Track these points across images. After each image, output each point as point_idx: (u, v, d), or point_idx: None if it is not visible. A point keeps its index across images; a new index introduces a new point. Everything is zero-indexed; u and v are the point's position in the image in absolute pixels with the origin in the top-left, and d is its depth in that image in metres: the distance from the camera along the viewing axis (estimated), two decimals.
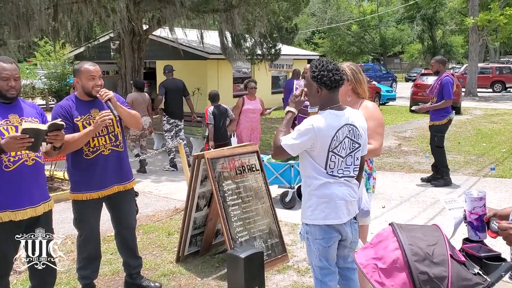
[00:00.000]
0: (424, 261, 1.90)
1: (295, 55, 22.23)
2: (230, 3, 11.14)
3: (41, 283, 3.26)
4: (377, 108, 3.48)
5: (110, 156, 3.63)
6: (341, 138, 2.76)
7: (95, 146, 3.57)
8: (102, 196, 3.67)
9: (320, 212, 2.80)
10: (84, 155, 3.57)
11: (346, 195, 2.82)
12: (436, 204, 6.40)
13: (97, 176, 3.60)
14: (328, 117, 2.76)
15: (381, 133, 3.34)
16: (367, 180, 3.47)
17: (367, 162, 3.46)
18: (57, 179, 7.69)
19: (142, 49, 12.58)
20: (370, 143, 3.24)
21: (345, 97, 3.37)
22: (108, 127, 3.61)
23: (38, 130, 2.80)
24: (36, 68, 22.72)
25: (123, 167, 3.75)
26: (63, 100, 3.68)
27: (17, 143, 2.72)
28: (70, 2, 11.00)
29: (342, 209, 2.81)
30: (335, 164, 2.79)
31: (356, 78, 3.36)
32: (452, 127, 13.99)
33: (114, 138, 3.65)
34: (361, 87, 3.38)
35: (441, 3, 37.67)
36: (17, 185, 2.94)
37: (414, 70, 40.63)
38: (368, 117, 3.30)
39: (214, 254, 4.79)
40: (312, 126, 2.72)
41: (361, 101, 3.40)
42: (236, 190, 4.39)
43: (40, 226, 3.09)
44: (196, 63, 17.30)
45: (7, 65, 2.94)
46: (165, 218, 5.97)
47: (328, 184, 2.79)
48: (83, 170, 3.61)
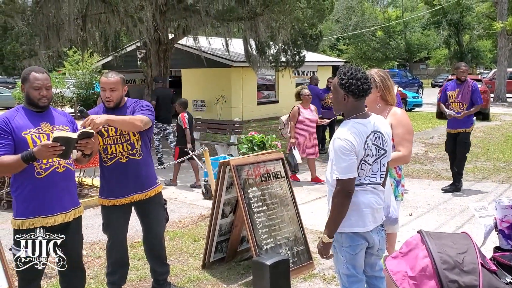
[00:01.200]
0: (454, 270, 1.88)
1: (320, 62, 22.19)
2: (254, 11, 11.20)
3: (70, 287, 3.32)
4: (405, 115, 3.46)
5: (128, 164, 3.65)
6: (370, 146, 2.75)
7: (112, 153, 3.62)
8: (122, 204, 3.69)
9: (347, 219, 2.77)
10: (103, 162, 3.66)
11: (373, 203, 2.80)
12: (465, 211, 6.27)
13: (115, 183, 3.66)
14: (356, 127, 2.73)
15: (410, 140, 3.32)
16: (396, 187, 3.44)
17: (396, 169, 3.42)
18: (85, 185, 7.83)
19: (168, 57, 12.75)
20: (399, 150, 3.23)
21: (374, 104, 3.37)
22: (125, 135, 3.63)
23: (68, 138, 2.86)
24: (65, 77, 23.24)
25: (142, 175, 3.73)
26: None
27: (49, 151, 2.79)
28: (98, 13, 11.25)
29: (368, 216, 2.78)
30: (364, 172, 2.77)
31: (385, 85, 3.36)
32: (481, 133, 13.73)
33: (130, 146, 3.66)
34: (390, 94, 3.37)
35: (468, 8, 37.05)
36: (49, 191, 3.01)
37: (440, 75, 40.01)
38: (396, 124, 3.30)
39: (240, 261, 4.80)
40: (347, 141, 2.68)
41: (389, 108, 3.40)
42: (261, 197, 4.40)
43: (71, 232, 3.16)
44: (221, 71, 17.45)
45: (39, 75, 3.03)
46: (191, 225, 6.02)
47: (355, 192, 2.76)
48: (104, 176, 3.73)
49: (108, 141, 3.62)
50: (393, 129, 3.35)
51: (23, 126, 2.99)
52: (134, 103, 3.75)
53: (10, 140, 2.93)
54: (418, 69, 51.04)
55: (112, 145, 3.61)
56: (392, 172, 3.43)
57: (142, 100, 3.90)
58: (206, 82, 18.00)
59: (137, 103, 3.76)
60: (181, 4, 11.55)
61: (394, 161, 3.29)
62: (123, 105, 3.72)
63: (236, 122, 11.27)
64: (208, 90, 17.88)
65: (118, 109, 3.68)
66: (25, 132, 2.97)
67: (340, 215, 2.71)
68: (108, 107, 3.64)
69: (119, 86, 3.63)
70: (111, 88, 3.59)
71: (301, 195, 7.15)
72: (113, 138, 3.63)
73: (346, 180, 2.66)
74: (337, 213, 2.71)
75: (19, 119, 3.01)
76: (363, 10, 42.98)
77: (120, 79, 3.66)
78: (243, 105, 18.19)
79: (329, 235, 2.76)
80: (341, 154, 2.67)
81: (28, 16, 10.57)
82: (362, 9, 43.05)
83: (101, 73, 21.03)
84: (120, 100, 3.68)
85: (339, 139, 2.69)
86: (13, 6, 10.38)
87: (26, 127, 2.99)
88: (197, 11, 11.09)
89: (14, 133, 2.94)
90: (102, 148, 3.63)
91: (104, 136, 3.53)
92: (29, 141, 2.95)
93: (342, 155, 2.66)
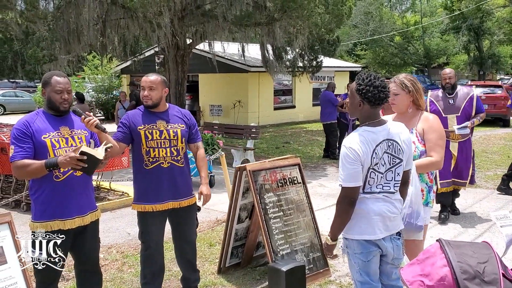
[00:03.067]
0: (474, 280, 1.84)
1: (337, 67, 22.12)
2: (272, 17, 11.21)
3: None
4: (437, 120, 3.41)
5: (169, 169, 3.60)
6: (380, 154, 2.72)
7: (155, 157, 3.57)
8: (156, 210, 3.62)
9: (356, 226, 2.77)
10: (144, 165, 3.59)
11: (384, 211, 2.76)
12: (485, 220, 6.16)
13: (152, 188, 3.59)
14: (364, 135, 2.71)
15: (442, 145, 3.31)
16: (428, 193, 3.40)
17: (428, 174, 3.39)
18: (103, 189, 7.91)
19: (186, 62, 12.84)
20: (431, 156, 3.24)
21: (406, 109, 3.35)
22: (171, 140, 3.61)
23: (95, 158, 2.87)
24: (84, 82, 23.58)
25: (180, 183, 3.68)
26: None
27: (73, 163, 2.82)
28: (118, 18, 11.39)
29: (378, 224, 2.76)
30: (374, 181, 2.75)
31: (416, 88, 3.33)
32: (501, 140, 13.50)
33: (176, 152, 3.63)
34: (421, 98, 3.35)
35: (488, 13, 36.57)
36: (66, 195, 3.04)
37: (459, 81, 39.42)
38: (428, 129, 3.30)
39: (255, 266, 4.79)
40: (351, 149, 2.68)
41: (420, 113, 3.38)
42: (278, 203, 4.38)
43: (88, 235, 3.19)
44: (238, 76, 17.51)
45: (60, 78, 3.07)
46: (206, 229, 6.02)
47: (365, 199, 2.75)
48: (141, 180, 3.64)
49: (151, 144, 3.57)
50: (425, 134, 3.31)
51: (43, 129, 3.02)
52: (187, 118, 3.76)
53: (31, 144, 2.97)
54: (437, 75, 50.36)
55: (155, 148, 3.57)
56: (424, 177, 3.37)
57: (186, 110, 3.90)
58: (223, 87, 18.08)
59: (191, 120, 3.78)
60: (199, 9, 11.64)
61: (426, 167, 3.27)
62: (166, 110, 3.72)
63: (252, 127, 11.29)
64: (225, 95, 17.95)
65: (160, 112, 3.68)
66: (44, 136, 3.01)
67: (343, 221, 2.77)
68: (146, 105, 3.63)
69: (159, 86, 3.63)
70: (150, 87, 3.60)
71: (317, 201, 7.11)
72: (157, 141, 3.58)
73: (349, 188, 2.70)
74: (340, 220, 2.78)
75: (39, 122, 3.05)
76: (381, 15, 42.73)
77: (160, 79, 3.67)
78: (260, 110, 18.22)
79: (332, 238, 2.87)
80: (345, 162, 2.70)
81: (49, 22, 10.76)
82: (380, 14, 42.79)
83: (119, 77, 21.31)
84: (160, 100, 3.66)
85: (345, 147, 2.72)
86: (35, 12, 10.58)
87: (46, 130, 3.03)
88: (215, 17, 11.15)
89: (34, 136, 2.98)
90: (145, 151, 3.57)
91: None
92: (48, 144, 2.99)
93: (346, 163, 2.69)
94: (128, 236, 5.81)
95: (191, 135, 3.79)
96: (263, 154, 11.75)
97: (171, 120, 3.67)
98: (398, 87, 3.34)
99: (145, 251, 3.73)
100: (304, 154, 11.99)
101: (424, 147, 3.30)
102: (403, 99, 3.34)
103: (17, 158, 2.93)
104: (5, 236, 3.10)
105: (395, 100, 3.35)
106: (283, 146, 13.27)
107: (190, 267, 3.94)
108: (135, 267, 4.71)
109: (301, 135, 15.90)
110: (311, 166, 10.44)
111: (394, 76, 3.44)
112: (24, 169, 2.92)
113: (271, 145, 13.54)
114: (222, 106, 18.13)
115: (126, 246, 5.43)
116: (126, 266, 4.81)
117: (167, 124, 3.63)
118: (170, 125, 3.65)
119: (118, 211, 6.97)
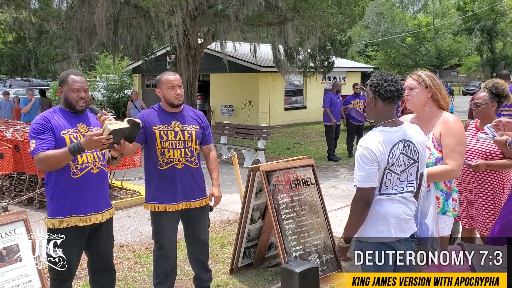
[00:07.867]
0: None
1: (348, 68, 22.03)
2: (284, 17, 11.20)
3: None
4: (459, 122, 3.06)
5: (182, 170, 3.58)
6: (396, 155, 2.68)
7: (170, 158, 3.55)
8: (170, 210, 3.59)
9: (373, 228, 2.73)
10: (158, 165, 3.56)
11: (400, 213, 2.72)
12: None
13: (166, 189, 3.57)
14: (381, 135, 2.67)
15: (461, 152, 2.98)
16: (445, 201, 3.08)
17: (445, 181, 3.11)
18: (115, 187, 7.93)
19: (197, 62, 12.86)
20: (446, 163, 2.95)
21: (422, 107, 3.09)
22: (186, 142, 3.60)
23: (120, 129, 2.89)
24: (96, 80, 23.71)
25: (194, 184, 3.66)
26: (149, 109, 3.74)
27: (100, 144, 2.83)
28: (130, 17, 11.45)
29: (394, 226, 2.72)
30: (391, 182, 2.70)
31: (434, 83, 3.05)
32: None
33: (190, 153, 3.61)
34: (441, 94, 3.05)
35: (501, 14, 36.24)
36: (83, 191, 3.04)
37: (472, 83, 39.13)
38: (446, 132, 3.00)
39: (268, 267, 4.77)
40: (368, 149, 2.63)
41: (440, 113, 3.07)
42: (291, 204, 4.36)
43: (103, 233, 3.19)
44: (249, 76, 17.49)
45: (77, 77, 3.07)
46: (218, 229, 6.01)
47: (381, 201, 2.71)
48: (155, 180, 3.61)
49: (166, 145, 3.55)
50: (442, 138, 3.00)
51: (61, 126, 3.02)
52: (201, 119, 3.77)
53: (52, 137, 2.96)
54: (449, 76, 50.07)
55: (170, 149, 3.55)
56: (439, 184, 3.07)
57: (199, 111, 3.90)
58: (234, 87, 18.07)
59: (205, 122, 3.77)
60: (211, 9, 11.66)
61: (439, 175, 2.99)
62: (181, 110, 3.70)
63: (264, 128, 11.26)
64: (236, 95, 17.94)
65: (176, 113, 3.66)
66: (63, 132, 3.01)
67: (357, 222, 2.71)
68: (178, 104, 3.61)
69: (181, 84, 3.67)
70: (179, 85, 3.60)
71: (328, 202, 7.06)
72: (172, 142, 3.56)
73: (365, 189, 2.64)
74: (354, 220, 2.71)
75: (57, 119, 3.05)
76: (392, 16, 42.53)
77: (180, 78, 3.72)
78: (270, 110, 18.18)
79: (346, 240, 2.79)
80: (362, 162, 2.64)
81: (63, 20, 10.85)
82: (392, 15, 42.59)
83: (131, 76, 21.41)
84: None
85: (361, 147, 2.67)
86: (49, 11, 10.67)
87: (64, 127, 3.03)
88: (227, 16, 11.17)
89: (53, 131, 2.98)
90: (160, 151, 3.55)
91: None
92: (67, 141, 2.98)
93: (362, 164, 2.63)
94: (140, 235, 5.82)
95: (204, 137, 3.77)
96: (274, 154, 11.72)
97: (186, 121, 3.65)
98: (414, 81, 3.07)
99: (158, 251, 3.71)
100: (315, 155, 11.94)
101: (441, 154, 3.00)
102: (419, 94, 3.06)
103: (41, 150, 2.90)
104: (21, 234, 3.11)
105: (410, 96, 3.08)
106: (293, 147, 13.22)
107: (202, 267, 3.92)
108: (147, 266, 4.71)
109: (312, 136, 15.83)
110: (322, 167, 10.39)
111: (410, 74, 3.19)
112: (48, 159, 2.89)
113: (282, 145, 13.50)
114: (234, 106, 18.12)
115: (138, 245, 5.43)
116: (138, 265, 4.81)
117: (182, 125, 3.61)
118: (185, 126, 3.63)
119: (130, 209, 6.98)
